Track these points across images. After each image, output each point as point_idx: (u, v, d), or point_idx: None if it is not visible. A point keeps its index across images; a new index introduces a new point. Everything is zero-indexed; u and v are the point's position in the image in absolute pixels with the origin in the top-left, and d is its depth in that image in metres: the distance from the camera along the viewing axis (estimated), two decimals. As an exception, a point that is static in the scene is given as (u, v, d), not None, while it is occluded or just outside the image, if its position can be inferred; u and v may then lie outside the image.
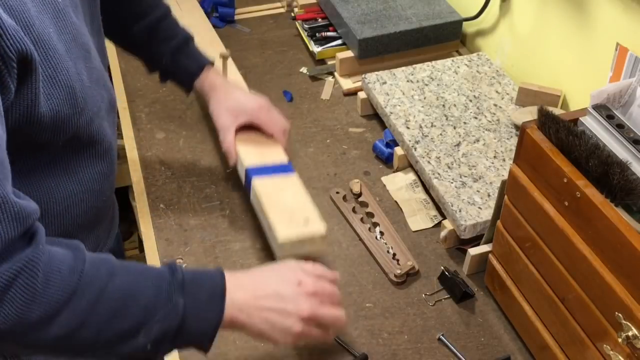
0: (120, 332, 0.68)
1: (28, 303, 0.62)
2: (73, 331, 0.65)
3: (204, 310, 0.72)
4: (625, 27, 1.03)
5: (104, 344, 0.68)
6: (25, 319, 0.62)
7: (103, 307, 0.67)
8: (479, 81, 1.30)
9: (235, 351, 0.92)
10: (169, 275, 0.72)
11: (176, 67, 1.08)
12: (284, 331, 0.76)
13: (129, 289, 0.69)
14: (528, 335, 0.90)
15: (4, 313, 0.61)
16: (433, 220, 1.10)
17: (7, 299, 0.61)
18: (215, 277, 0.75)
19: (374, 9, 1.43)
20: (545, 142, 0.77)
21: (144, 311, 0.69)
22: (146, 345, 0.69)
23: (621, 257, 0.67)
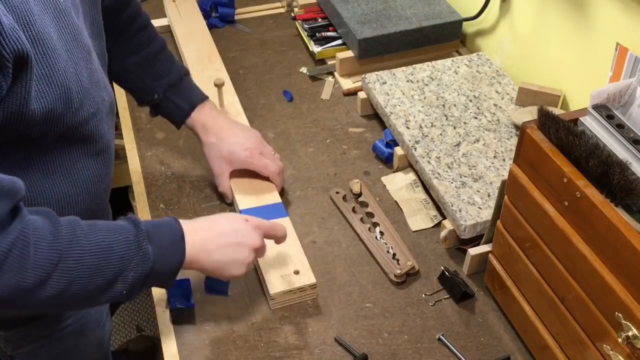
0: (102, 284, 0.73)
1: (23, 271, 0.66)
2: (63, 290, 0.70)
3: (169, 253, 0.79)
4: (625, 27, 1.03)
5: (87, 296, 0.73)
6: (21, 285, 0.67)
7: (85, 264, 0.72)
8: (479, 81, 1.30)
9: (235, 351, 0.92)
10: (133, 228, 0.77)
11: (167, 105, 1.07)
12: (238, 263, 0.85)
13: (104, 244, 0.74)
14: (528, 335, 0.90)
15: (3, 282, 0.65)
16: (433, 220, 1.10)
17: (4, 270, 0.65)
18: (172, 224, 0.81)
19: (374, 9, 1.43)
20: (545, 142, 0.77)
21: (120, 262, 0.74)
22: (122, 292, 0.75)
23: (621, 257, 0.67)
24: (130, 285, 0.76)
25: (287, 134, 1.28)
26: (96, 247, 0.73)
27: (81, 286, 0.71)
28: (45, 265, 0.68)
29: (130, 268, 0.75)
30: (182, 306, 0.96)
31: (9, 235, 0.66)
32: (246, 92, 1.39)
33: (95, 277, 0.72)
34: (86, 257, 0.71)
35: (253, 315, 0.96)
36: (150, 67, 1.05)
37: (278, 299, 0.96)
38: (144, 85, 1.05)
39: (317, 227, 1.10)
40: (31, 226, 0.68)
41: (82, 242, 0.72)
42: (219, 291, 0.98)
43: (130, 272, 0.75)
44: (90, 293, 0.73)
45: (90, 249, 0.72)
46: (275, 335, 0.94)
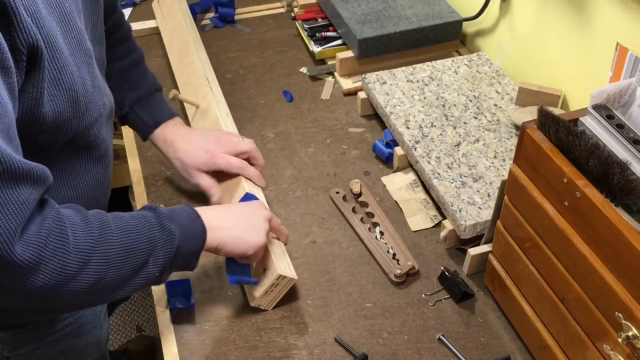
0: (136, 267, 0.75)
1: (65, 256, 0.67)
2: (103, 274, 0.71)
3: (191, 231, 0.82)
4: (625, 27, 1.03)
5: (123, 282, 0.75)
6: (65, 271, 0.67)
7: (118, 247, 0.73)
8: (479, 81, 1.30)
9: (235, 351, 0.92)
10: (151, 212, 0.80)
11: (133, 118, 1.07)
12: (255, 229, 0.88)
13: (131, 227, 0.76)
14: (528, 335, 0.90)
15: (47, 270, 0.66)
16: (433, 220, 1.10)
17: (47, 256, 0.65)
18: (185, 208, 0.85)
19: (374, 9, 1.43)
20: (545, 142, 0.77)
21: (149, 242, 0.76)
22: (155, 274, 0.77)
23: (621, 257, 0.67)
24: (161, 266, 0.77)
25: (287, 134, 1.28)
26: (125, 230, 0.75)
27: (118, 269, 0.73)
28: (85, 249, 0.69)
29: (159, 248, 0.77)
30: (182, 306, 0.96)
31: (45, 221, 0.66)
32: (246, 92, 1.39)
33: (129, 260, 0.74)
34: (118, 240, 0.73)
35: (253, 315, 0.96)
36: (123, 78, 1.05)
37: (263, 303, 0.95)
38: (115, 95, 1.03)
39: (317, 227, 1.10)
40: (63, 213, 0.70)
41: (111, 227, 0.73)
42: (244, 278, 0.94)
43: (160, 252, 0.77)
44: (126, 277, 0.74)
45: (119, 233, 0.74)
46: (275, 335, 0.94)
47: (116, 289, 0.75)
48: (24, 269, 0.63)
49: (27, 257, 0.63)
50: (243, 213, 0.90)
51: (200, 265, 1.02)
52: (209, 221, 0.84)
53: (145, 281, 0.77)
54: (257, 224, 0.89)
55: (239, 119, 1.26)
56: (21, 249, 0.63)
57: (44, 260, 0.65)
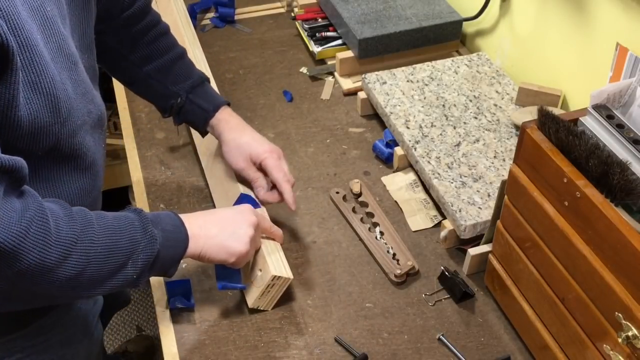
0: (115, 267, 0.75)
1: (46, 247, 0.68)
2: (81, 271, 0.72)
3: (173, 238, 0.82)
4: (625, 27, 1.03)
5: (101, 280, 0.75)
6: (45, 262, 0.68)
7: (100, 245, 0.74)
8: (479, 81, 1.30)
9: (235, 351, 0.92)
10: (136, 215, 0.80)
11: (191, 108, 1.05)
12: (238, 235, 0.88)
13: (114, 228, 0.76)
14: (528, 335, 0.90)
15: (27, 259, 0.66)
16: (433, 220, 1.10)
17: (27, 247, 0.66)
18: (170, 214, 0.85)
19: (374, 9, 1.43)
20: (545, 142, 0.77)
21: (130, 244, 0.76)
22: (133, 276, 0.78)
23: (621, 257, 0.67)
24: (140, 269, 0.78)
25: (287, 134, 1.28)
26: (107, 230, 0.75)
27: (97, 268, 0.73)
28: (66, 242, 0.69)
29: (139, 251, 0.77)
30: (182, 306, 0.96)
31: (27, 212, 0.66)
32: (246, 92, 1.39)
33: (109, 259, 0.74)
34: (100, 239, 0.74)
35: (253, 315, 0.96)
36: (170, 72, 1.05)
37: (261, 304, 0.95)
38: (166, 90, 1.04)
39: (317, 227, 1.10)
40: (47, 206, 0.70)
41: (94, 225, 0.74)
42: (233, 282, 0.94)
43: (139, 255, 0.77)
44: (104, 276, 0.75)
45: (102, 232, 0.74)
46: (275, 335, 0.94)
47: (93, 287, 0.75)
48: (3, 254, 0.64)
49: (7, 245, 0.64)
50: (228, 219, 0.89)
51: (200, 265, 1.03)
52: (192, 229, 0.84)
53: (122, 282, 0.77)
54: (240, 232, 0.88)
55: (239, 119, 1.26)
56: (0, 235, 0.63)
57: (25, 249, 0.65)
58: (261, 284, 0.93)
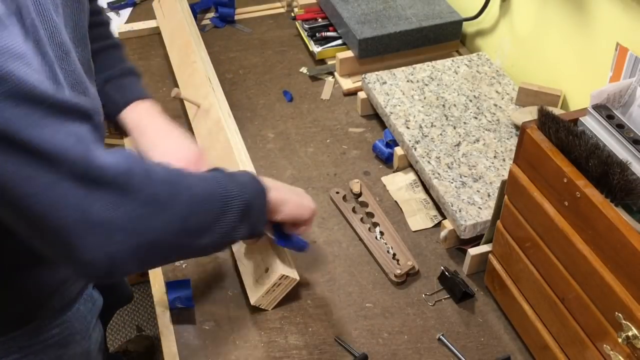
0: (217, 210, 0.74)
1: (153, 185, 0.66)
2: (189, 211, 0.70)
3: (253, 187, 0.81)
4: (625, 27, 1.03)
5: (209, 224, 0.73)
6: (155, 199, 0.66)
7: (199, 188, 0.73)
8: (479, 81, 1.30)
9: (235, 351, 0.92)
10: (218, 171, 0.80)
11: (105, 99, 0.97)
12: (306, 202, 0.90)
13: (205, 178, 0.76)
14: (528, 335, 0.90)
15: (141, 198, 0.65)
16: (433, 220, 1.10)
17: (134, 186, 0.64)
18: (240, 170, 0.85)
19: (374, 9, 1.43)
20: (545, 142, 0.77)
21: (224, 190, 0.76)
22: (233, 224, 0.76)
23: (621, 257, 0.67)
24: (238, 215, 0.77)
25: (287, 134, 1.28)
26: (200, 178, 0.74)
27: (202, 210, 0.72)
28: (168, 181, 0.68)
29: (233, 196, 0.76)
30: (182, 306, 0.96)
31: (119, 154, 0.64)
32: (246, 92, 1.39)
33: (210, 202, 0.73)
34: (197, 183, 0.73)
35: (253, 315, 0.96)
36: (95, 60, 0.97)
37: (263, 303, 0.95)
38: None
39: (317, 227, 1.10)
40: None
41: (187, 173, 0.73)
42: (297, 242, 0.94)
43: (234, 201, 0.76)
44: (209, 221, 0.73)
45: (196, 179, 0.74)
46: (275, 335, 0.94)
47: (203, 233, 0.73)
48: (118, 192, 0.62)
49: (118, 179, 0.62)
50: (291, 189, 0.91)
51: (200, 265, 1.03)
52: (265, 183, 0.85)
53: (226, 230, 0.76)
54: (307, 200, 0.91)
55: (239, 119, 1.26)
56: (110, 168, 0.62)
57: (133, 187, 0.64)
58: (267, 282, 0.93)
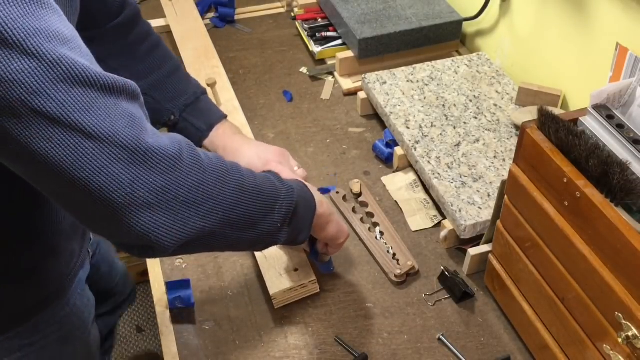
0: (264, 208, 0.74)
1: (202, 170, 0.67)
2: (236, 202, 0.70)
3: (303, 193, 0.82)
4: (625, 27, 1.03)
5: (254, 221, 0.73)
6: (202, 186, 0.66)
7: (250, 182, 0.73)
8: (479, 81, 1.30)
9: (235, 351, 0.92)
10: (268, 173, 0.80)
11: (185, 126, 1.03)
12: (345, 226, 0.91)
13: (255, 174, 0.76)
14: (528, 335, 0.90)
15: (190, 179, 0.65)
16: (433, 220, 1.10)
17: (184, 165, 0.65)
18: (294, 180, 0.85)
19: (374, 9, 1.43)
20: (545, 142, 0.77)
21: (273, 189, 0.76)
22: (278, 224, 0.77)
23: (621, 257, 0.67)
24: (283, 216, 0.77)
25: (287, 134, 1.28)
26: (251, 174, 0.75)
27: (250, 204, 0.72)
28: (218, 170, 0.69)
29: (282, 198, 0.76)
30: (182, 306, 0.96)
31: (167, 138, 0.65)
32: (246, 92, 1.39)
33: (259, 198, 0.73)
34: (248, 178, 0.73)
35: (253, 315, 0.96)
36: (164, 87, 1.02)
37: (279, 298, 0.96)
38: (160, 107, 1.01)
39: (317, 227, 1.10)
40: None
41: (239, 166, 0.73)
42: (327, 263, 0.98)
43: (282, 202, 0.76)
44: (255, 218, 0.73)
45: (248, 173, 0.74)
46: (275, 335, 0.94)
47: (247, 228, 0.73)
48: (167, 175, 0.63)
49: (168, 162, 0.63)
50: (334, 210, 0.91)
51: (200, 265, 1.03)
52: (317, 196, 0.85)
53: (268, 229, 0.76)
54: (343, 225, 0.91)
55: (239, 119, 1.27)
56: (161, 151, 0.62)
57: (182, 171, 0.64)
58: (295, 280, 0.95)
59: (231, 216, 0.70)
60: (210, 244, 0.71)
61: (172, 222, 0.64)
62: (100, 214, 0.62)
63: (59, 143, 0.57)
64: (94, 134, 0.58)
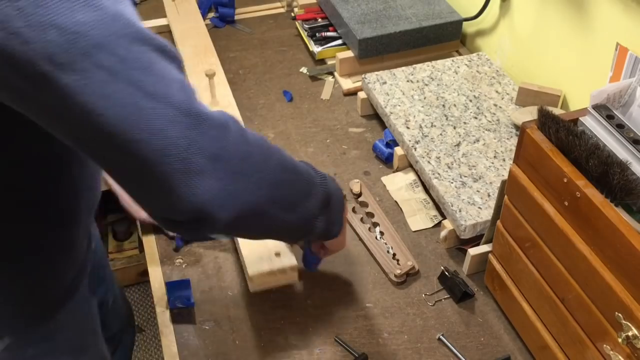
0: (302, 190, 0.73)
1: (247, 143, 0.65)
2: (278, 181, 0.69)
3: (335, 184, 0.82)
4: (625, 27, 1.03)
5: (294, 202, 0.72)
6: (250, 158, 0.65)
7: (289, 164, 0.72)
8: (479, 81, 1.30)
9: (235, 351, 0.92)
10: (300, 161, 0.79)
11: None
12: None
13: (289, 155, 0.74)
14: (528, 335, 0.90)
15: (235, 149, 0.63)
16: (433, 220, 1.10)
17: (232, 135, 0.63)
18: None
19: (374, 9, 1.43)
20: (545, 142, 0.77)
21: (308, 175, 0.75)
22: (315, 210, 0.76)
23: (621, 257, 0.67)
24: (320, 203, 0.76)
25: (287, 134, 1.28)
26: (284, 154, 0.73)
27: (291, 184, 0.71)
28: (261, 146, 0.68)
29: (317, 184, 0.75)
30: (182, 306, 0.96)
31: (216, 110, 0.64)
32: (246, 92, 1.39)
33: (297, 180, 0.73)
34: (286, 159, 0.72)
35: (253, 315, 0.96)
36: None
37: (257, 281, 0.94)
38: None
39: (317, 227, 1.10)
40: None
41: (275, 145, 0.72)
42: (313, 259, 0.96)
43: (318, 189, 0.75)
44: (295, 199, 0.73)
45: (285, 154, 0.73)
46: (275, 335, 0.94)
47: (288, 208, 0.72)
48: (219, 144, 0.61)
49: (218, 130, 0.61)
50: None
51: (200, 265, 1.03)
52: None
53: (307, 214, 0.75)
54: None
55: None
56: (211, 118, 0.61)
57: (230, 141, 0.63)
58: (276, 264, 0.94)
59: (275, 193, 0.69)
60: (257, 222, 0.70)
61: (225, 192, 0.63)
62: (154, 182, 0.60)
63: (119, 101, 0.55)
64: (152, 94, 0.56)
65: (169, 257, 1.04)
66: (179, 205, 0.61)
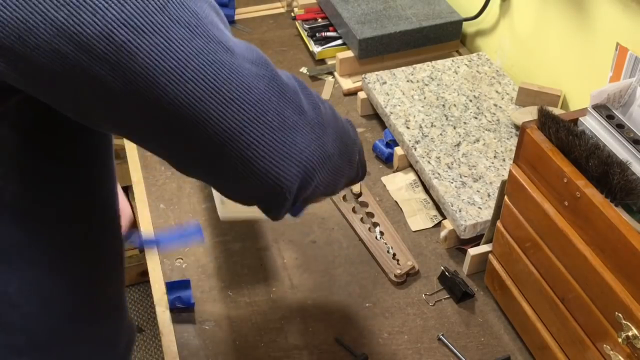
0: (352, 142, 0.72)
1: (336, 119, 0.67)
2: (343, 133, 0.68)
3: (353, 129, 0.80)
4: (625, 27, 1.03)
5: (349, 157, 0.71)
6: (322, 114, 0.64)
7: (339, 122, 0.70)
8: (479, 81, 1.30)
9: (235, 351, 0.92)
10: None
11: None
12: None
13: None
14: (528, 335, 0.90)
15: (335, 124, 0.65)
16: (433, 220, 1.10)
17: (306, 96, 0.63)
18: None
19: (374, 9, 1.43)
20: (545, 142, 0.77)
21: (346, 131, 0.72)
22: (357, 171, 0.76)
23: (621, 257, 0.67)
24: (359, 162, 0.76)
25: (287, 134, 1.28)
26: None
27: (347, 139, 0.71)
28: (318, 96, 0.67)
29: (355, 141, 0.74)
30: (182, 306, 0.96)
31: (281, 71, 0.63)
32: (246, 92, 1.39)
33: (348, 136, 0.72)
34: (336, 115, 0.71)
35: (253, 315, 0.96)
36: None
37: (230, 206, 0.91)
38: None
39: (317, 227, 1.10)
40: None
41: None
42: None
43: (357, 147, 0.75)
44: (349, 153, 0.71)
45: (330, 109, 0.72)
46: (275, 335, 0.94)
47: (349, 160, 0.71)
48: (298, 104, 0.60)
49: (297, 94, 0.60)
50: None
51: (200, 265, 1.03)
52: None
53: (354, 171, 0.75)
54: None
55: (239, 119, 1.26)
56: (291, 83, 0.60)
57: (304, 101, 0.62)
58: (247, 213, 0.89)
59: (342, 146, 0.68)
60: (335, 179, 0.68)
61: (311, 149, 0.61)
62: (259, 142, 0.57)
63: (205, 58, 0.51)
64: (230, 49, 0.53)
65: (169, 257, 1.04)
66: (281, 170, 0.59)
